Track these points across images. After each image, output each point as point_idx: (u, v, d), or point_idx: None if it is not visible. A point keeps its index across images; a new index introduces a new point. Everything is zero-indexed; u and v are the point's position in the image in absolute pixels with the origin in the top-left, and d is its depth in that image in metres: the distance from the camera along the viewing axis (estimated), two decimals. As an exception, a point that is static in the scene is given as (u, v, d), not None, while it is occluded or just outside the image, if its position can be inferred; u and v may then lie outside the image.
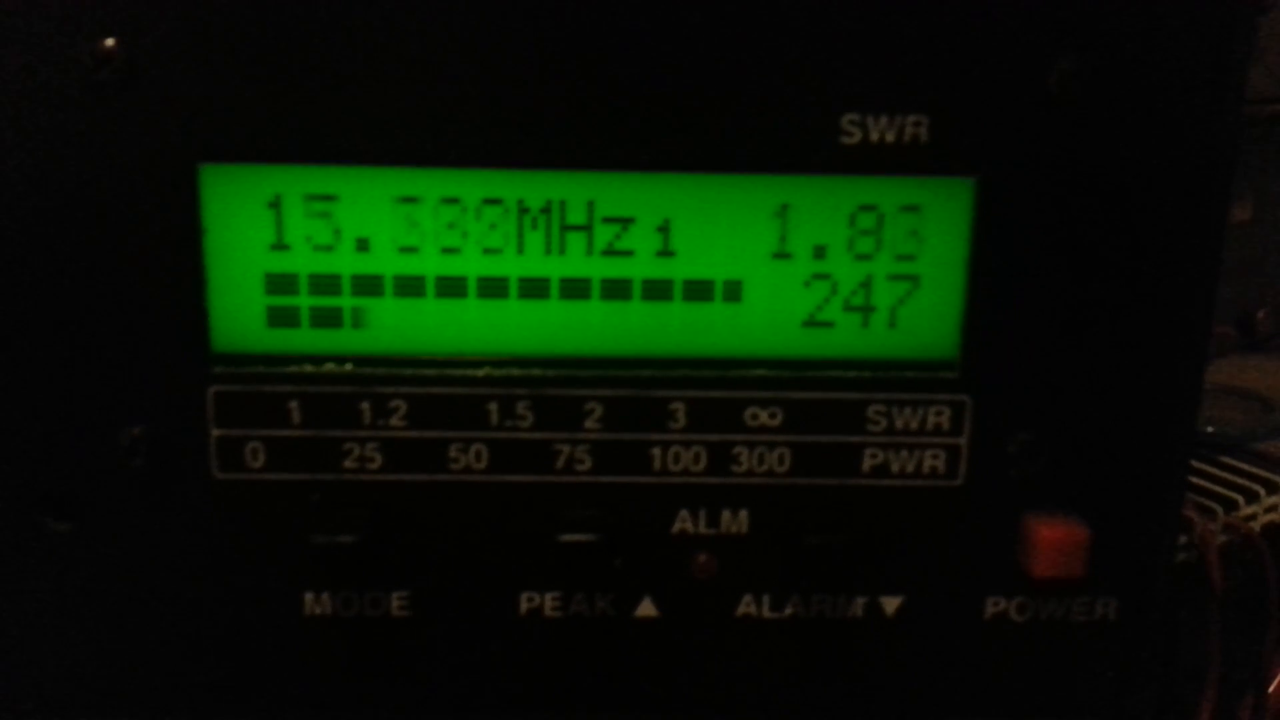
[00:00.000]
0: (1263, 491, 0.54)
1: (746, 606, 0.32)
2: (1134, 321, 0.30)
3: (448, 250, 0.30)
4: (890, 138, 0.29)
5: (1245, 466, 0.57)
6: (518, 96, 0.29)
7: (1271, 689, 0.46)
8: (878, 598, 0.32)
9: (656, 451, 0.31)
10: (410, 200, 0.30)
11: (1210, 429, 0.65)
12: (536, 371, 0.31)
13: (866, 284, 0.31)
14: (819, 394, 0.31)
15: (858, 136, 0.29)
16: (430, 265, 0.30)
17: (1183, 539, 0.50)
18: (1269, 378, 0.76)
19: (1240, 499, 0.53)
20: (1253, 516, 0.54)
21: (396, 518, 0.31)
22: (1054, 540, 0.31)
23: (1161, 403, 0.31)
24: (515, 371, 0.31)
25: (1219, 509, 0.51)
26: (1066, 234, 0.30)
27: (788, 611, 0.32)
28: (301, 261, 0.30)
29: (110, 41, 0.28)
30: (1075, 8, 0.28)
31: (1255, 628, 0.54)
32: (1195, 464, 0.60)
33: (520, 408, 0.31)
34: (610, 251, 0.30)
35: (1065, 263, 0.30)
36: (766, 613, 0.32)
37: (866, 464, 0.31)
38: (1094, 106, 0.29)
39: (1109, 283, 0.30)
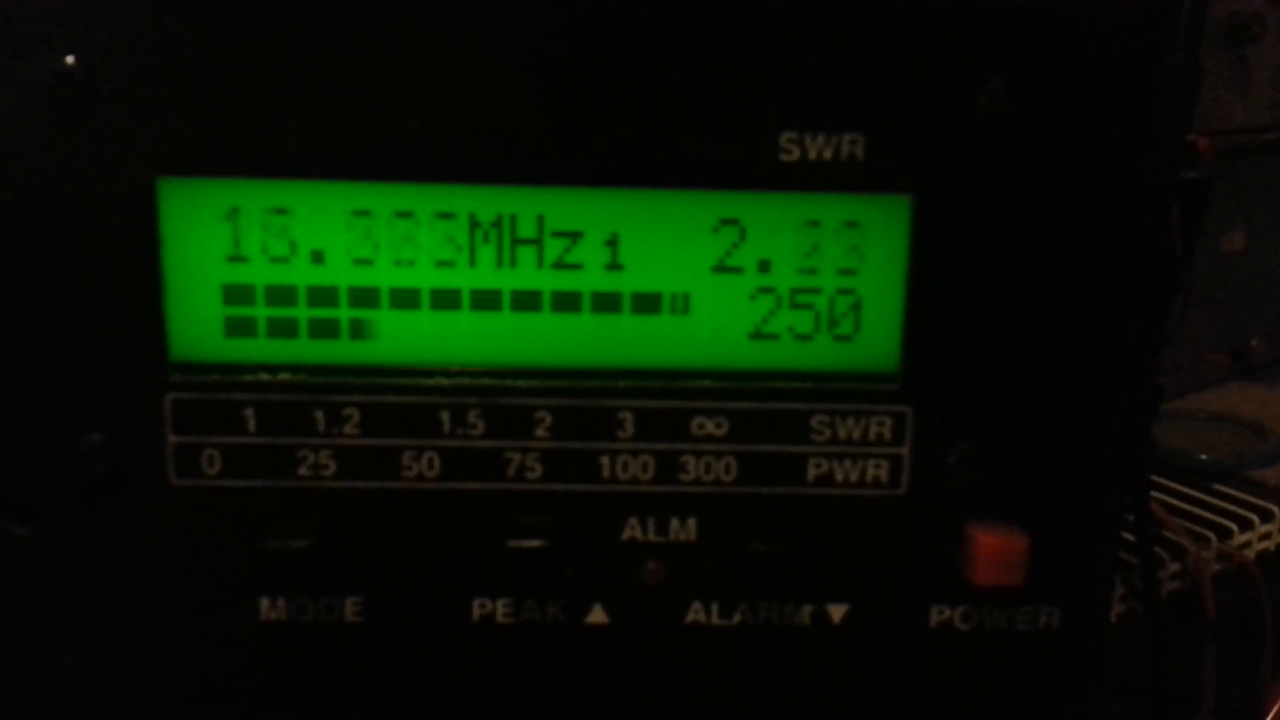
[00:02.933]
0: (1257, 519, 0.54)
1: (696, 613, 0.33)
2: (1070, 332, 0.31)
3: (401, 263, 0.31)
4: (828, 155, 0.30)
5: (1239, 494, 0.57)
6: (469, 113, 0.30)
7: (1269, 719, 0.45)
8: (824, 605, 0.33)
9: (605, 460, 0.32)
10: (364, 214, 0.31)
11: (1204, 456, 0.65)
12: (488, 381, 0.31)
13: (810, 297, 0.32)
14: (764, 404, 0.32)
15: (796, 154, 0.30)
16: (384, 277, 0.31)
17: (1176, 567, 0.50)
18: (1263, 405, 0.77)
19: (1234, 527, 0.53)
20: (1247, 544, 0.54)
21: (350, 524, 0.32)
22: (993, 549, 0.31)
23: (1099, 412, 0.31)
24: (467, 381, 0.31)
25: (1213, 537, 0.51)
26: (1002, 248, 0.30)
27: (736, 619, 0.33)
28: (258, 273, 0.31)
29: (70, 60, 0.28)
30: (1004, 31, 0.29)
31: (1251, 656, 0.54)
32: (1189, 491, 0.60)
33: (472, 416, 0.31)
34: (560, 265, 0.31)
35: (1001, 276, 0.31)
36: (715, 620, 0.33)
37: (811, 473, 0.32)
38: (1024, 125, 0.30)
39: (1044, 295, 0.31)
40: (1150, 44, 0.29)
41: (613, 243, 0.31)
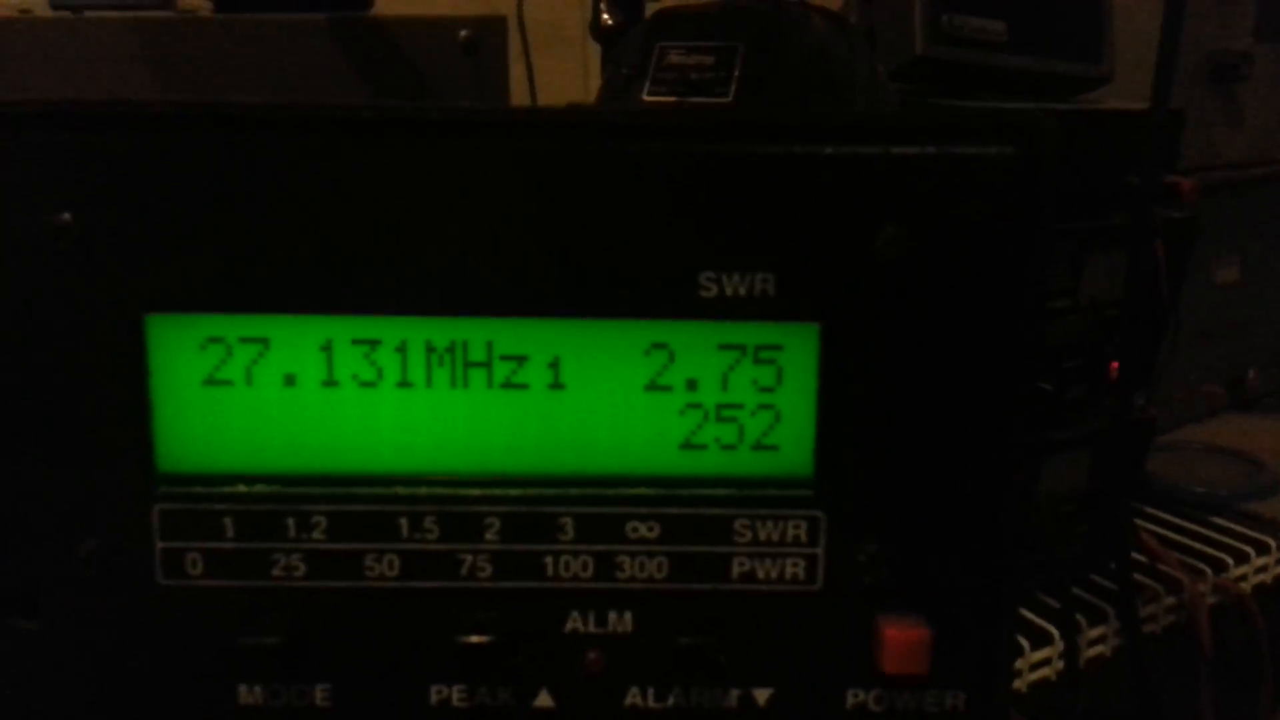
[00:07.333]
0: (1253, 552, 0.55)
1: (633, 698, 0.36)
2: (960, 442, 0.34)
3: (365, 384, 0.35)
4: (743, 291, 0.33)
5: (1235, 527, 0.59)
6: (426, 255, 0.33)
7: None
8: (750, 689, 0.36)
9: (549, 560, 0.35)
10: (332, 342, 0.34)
11: (1200, 489, 0.67)
12: (442, 490, 0.35)
13: (733, 413, 0.35)
14: (692, 510, 0.35)
15: (715, 290, 0.33)
16: (350, 397, 0.35)
17: (1171, 600, 0.52)
18: (1259, 437, 0.78)
19: (1230, 560, 0.54)
20: (1243, 577, 0.56)
21: (319, 619, 0.35)
22: (899, 640, 0.34)
23: (990, 514, 0.35)
24: (424, 490, 0.35)
25: (1208, 570, 0.53)
26: (901, 370, 0.34)
27: (670, 702, 0.36)
28: (236, 395, 0.34)
29: (66, 216, 0.32)
30: (896, 183, 0.33)
31: (1249, 689, 0.56)
32: (1185, 524, 0.62)
33: (428, 522, 0.35)
34: (507, 384, 0.35)
35: (902, 395, 0.34)
36: (652, 704, 0.36)
37: (735, 571, 0.35)
38: (917, 263, 0.33)
39: (936, 409, 0.34)
40: (1027, 192, 0.33)
41: (555, 365, 0.35)
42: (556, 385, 0.35)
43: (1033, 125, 0.33)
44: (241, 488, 0.35)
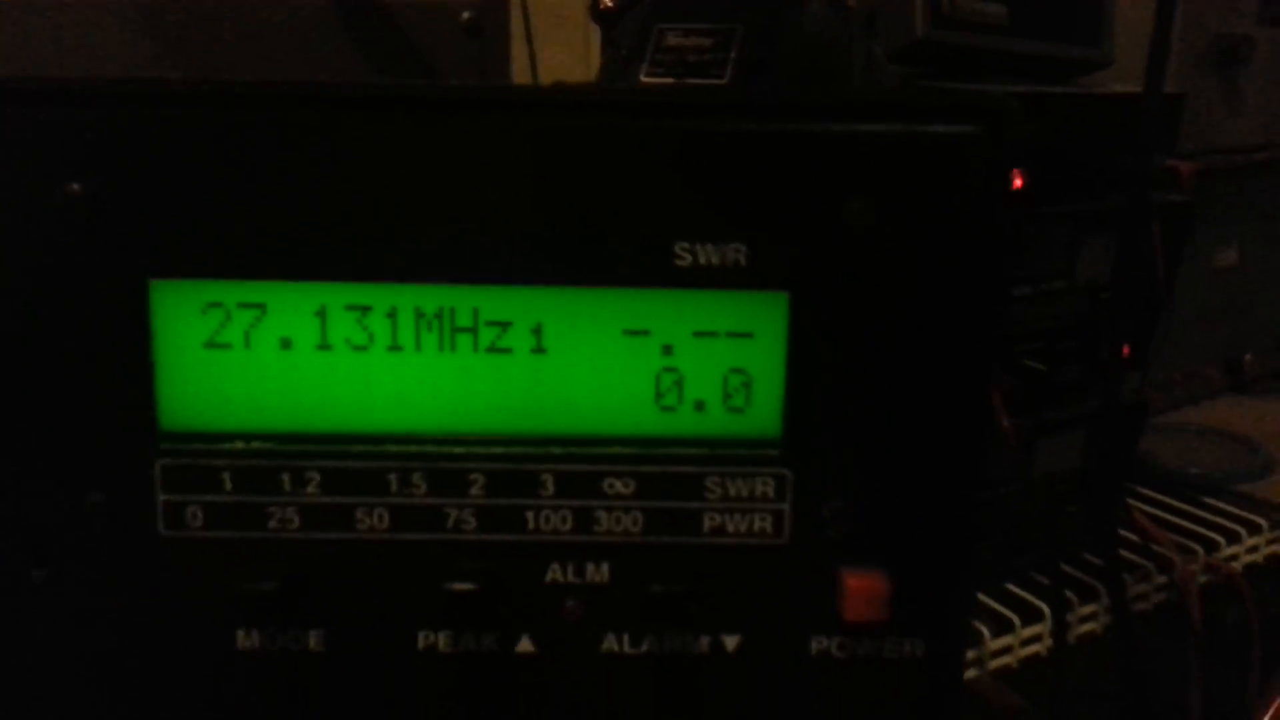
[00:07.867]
0: (1244, 532, 0.57)
1: (610, 644, 0.38)
2: (920, 406, 0.36)
3: (357, 348, 0.37)
4: (716, 261, 0.35)
5: (1228, 507, 0.60)
6: (414, 225, 0.35)
7: (1259, 726, 0.48)
8: (720, 636, 0.38)
9: (530, 514, 0.37)
10: (326, 307, 0.36)
11: (1194, 470, 0.68)
12: (430, 448, 0.37)
13: (706, 376, 0.37)
14: (665, 467, 0.37)
15: (689, 260, 0.35)
16: (342, 359, 0.37)
17: (1163, 579, 0.53)
18: (1255, 420, 0.80)
19: (1222, 540, 0.55)
20: (1234, 557, 0.57)
21: (313, 569, 0.37)
22: (860, 590, 0.36)
23: (949, 474, 0.37)
24: (412, 448, 0.37)
25: (1200, 550, 0.54)
26: (865, 336, 0.36)
27: (645, 648, 0.38)
28: (235, 357, 0.36)
29: (75, 186, 0.34)
30: (861, 159, 0.35)
31: (1237, 668, 0.57)
32: (1178, 504, 0.63)
33: (415, 478, 0.37)
34: (492, 349, 0.37)
35: (865, 359, 0.36)
36: (627, 649, 0.38)
37: (706, 525, 0.37)
38: (881, 234, 0.35)
39: (899, 375, 0.36)
40: (988, 169, 0.35)
41: (537, 330, 0.37)
42: (539, 350, 0.37)
43: (995, 105, 0.35)
44: (239, 445, 0.37)
